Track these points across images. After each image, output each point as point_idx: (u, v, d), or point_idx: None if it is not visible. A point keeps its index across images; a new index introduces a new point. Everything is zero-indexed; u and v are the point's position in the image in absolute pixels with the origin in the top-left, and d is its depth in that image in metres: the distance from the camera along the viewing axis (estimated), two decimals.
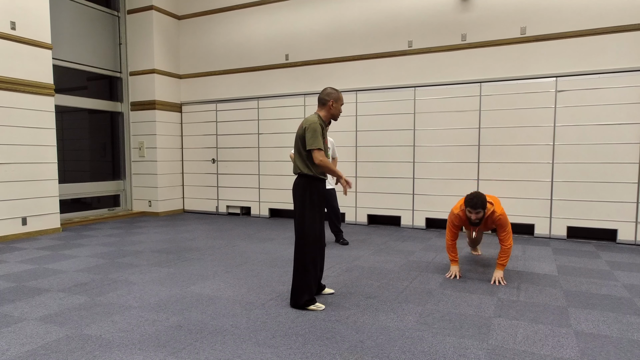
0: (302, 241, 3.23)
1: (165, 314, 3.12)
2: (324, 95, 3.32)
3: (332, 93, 3.32)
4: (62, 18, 7.45)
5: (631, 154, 5.47)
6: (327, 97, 3.31)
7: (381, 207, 6.99)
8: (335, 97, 3.32)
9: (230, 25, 8.13)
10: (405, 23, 6.67)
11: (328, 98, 3.30)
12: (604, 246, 5.48)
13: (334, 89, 3.35)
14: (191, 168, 8.79)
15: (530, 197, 6.01)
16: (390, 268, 4.40)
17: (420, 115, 6.62)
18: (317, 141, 3.15)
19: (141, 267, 4.47)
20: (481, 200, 3.67)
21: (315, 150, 3.15)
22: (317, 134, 3.16)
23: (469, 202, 3.70)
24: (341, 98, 3.37)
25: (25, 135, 6.10)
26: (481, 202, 3.67)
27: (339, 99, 3.34)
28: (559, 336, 2.74)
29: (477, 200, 3.66)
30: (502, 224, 3.81)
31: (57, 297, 3.51)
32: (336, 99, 3.32)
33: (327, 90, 3.33)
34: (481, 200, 3.67)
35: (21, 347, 2.61)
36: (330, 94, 3.31)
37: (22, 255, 5.03)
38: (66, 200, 7.48)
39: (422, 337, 2.73)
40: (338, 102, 3.33)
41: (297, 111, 7.57)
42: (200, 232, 6.52)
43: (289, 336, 2.74)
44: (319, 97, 3.34)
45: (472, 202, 3.68)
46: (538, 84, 5.91)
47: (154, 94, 8.19)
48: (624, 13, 5.44)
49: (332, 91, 3.33)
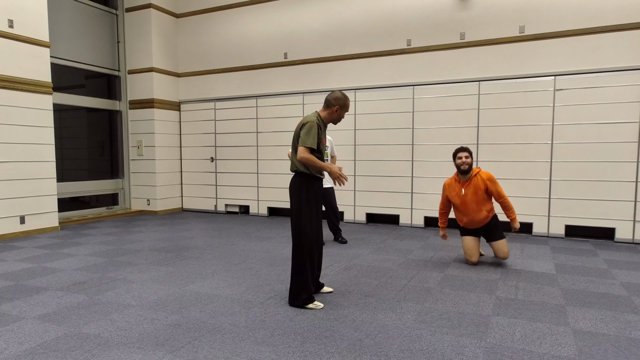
0: (299, 239, 3.23)
1: (163, 313, 3.12)
2: (332, 99, 3.25)
3: (340, 99, 3.25)
4: (60, 16, 7.43)
5: (629, 153, 5.48)
6: (334, 101, 3.24)
7: (380, 205, 6.99)
8: (342, 105, 3.25)
9: (228, 23, 8.12)
10: (404, 22, 6.66)
11: (335, 103, 3.24)
12: (602, 245, 5.49)
13: (345, 96, 3.28)
14: (190, 167, 8.78)
15: (529, 196, 6.02)
16: (389, 266, 4.41)
17: (419, 114, 6.62)
18: (308, 140, 3.10)
19: (140, 265, 4.47)
20: (466, 147, 4.29)
21: (302, 147, 3.11)
22: (312, 133, 3.12)
23: (456, 149, 4.29)
24: (348, 106, 3.31)
25: (23, 133, 6.08)
26: (466, 147, 4.28)
27: (344, 107, 3.28)
28: (556, 334, 2.75)
29: (462, 147, 4.29)
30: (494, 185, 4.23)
31: (56, 296, 3.51)
32: (342, 106, 3.26)
33: (337, 95, 3.26)
34: (466, 147, 4.31)
35: (19, 346, 2.61)
36: (338, 100, 3.24)
37: (20, 253, 5.03)
38: (64, 199, 7.47)
39: (420, 335, 2.74)
40: (343, 109, 3.28)
41: (296, 110, 7.57)
42: (198, 231, 6.51)
43: (287, 335, 2.74)
44: (326, 98, 3.29)
45: (458, 148, 4.29)
46: (537, 83, 5.91)
47: (153, 92, 8.18)
48: (622, 12, 5.45)
49: (342, 97, 3.25)
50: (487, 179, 4.22)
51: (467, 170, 4.23)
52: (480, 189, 4.23)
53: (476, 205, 4.25)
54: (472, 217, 4.31)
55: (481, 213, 4.26)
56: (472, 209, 4.28)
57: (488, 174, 4.26)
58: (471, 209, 4.28)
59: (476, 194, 4.23)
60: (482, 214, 4.26)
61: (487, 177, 4.24)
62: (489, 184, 4.22)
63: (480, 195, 4.23)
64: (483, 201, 4.25)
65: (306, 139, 3.11)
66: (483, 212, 4.25)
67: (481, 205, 4.25)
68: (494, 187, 4.22)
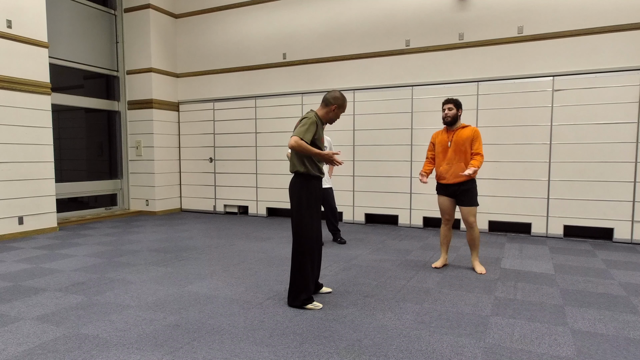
0: (299, 240, 3.23)
1: (162, 314, 3.12)
2: (330, 97, 3.27)
3: (338, 98, 3.27)
4: (59, 16, 7.42)
5: (627, 153, 5.49)
6: (333, 100, 3.26)
7: (379, 206, 7.00)
8: (340, 104, 3.28)
9: (227, 24, 8.11)
10: (403, 22, 6.67)
11: (333, 102, 3.26)
12: (601, 245, 5.50)
13: (343, 96, 3.30)
14: (188, 167, 8.77)
15: (527, 196, 6.03)
16: (388, 267, 4.41)
17: (417, 114, 6.63)
18: (305, 134, 3.09)
19: (138, 266, 4.47)
20: (453, 98, 4.24)
21: (295, 137, 3.08)
22: (310, 129, 3.13)
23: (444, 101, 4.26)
24: (345, 106, 3.33)
25: (22, 134, 6.07)
26: (453, 99, 4.22)
27: (342, 106, 3.30)
28: (555, 334, 2.75)
29: (449, 98, 4.25)
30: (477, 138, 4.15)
31: (54, 297, 3.50)
32: (340, 105, 3.28)
33: (335, 94, 3.28)
34: (453, 98, 4.25)
35: (18, 346, 2.61)
36: (336, 99, 3.26)
37: (18, 254, 5.02)
38: (63, 200, 7.46)
39: (419, 335, 2.74)
40: (340, 109, 3.30)
41: (295, 110, 7.57)
42: (197, 231, 6.51)
43: (286, 335, 2.74)
44: (324, 96, 3.31)
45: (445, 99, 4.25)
46: (535, 83, 5.92)
47: (151, 92, 8.17)
48: (621, 12, 5.46)
49: (340, 96, 3.28)
50: (474, 132, 4.17)
51: (450, 122, 4.19)
52: (463, 138, 4.15)
53: (455, 154, 4.17)
54: (450, 166, 4.19)
55: (459, 165, 4.15)
56: (451, 158, 4.19)
57: (477, 129, 4.21)
58: (451, 157, 4.19)
59: (458, 143, 4.17)
60: (460, 165, 4.15)
61: (474, 130, 4.18)
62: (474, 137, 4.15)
63: (461, 145, 4.15)
64: (464, 153, 4.16)
65: (303, 132, 3.11)
66: (461, 164, 4.14)
67: (461, 155, 4.16)
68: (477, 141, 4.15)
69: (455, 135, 4.18)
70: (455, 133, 4.18)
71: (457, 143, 4.15)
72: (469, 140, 4.13)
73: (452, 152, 4.18)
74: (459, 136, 4.15)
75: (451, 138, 4.19)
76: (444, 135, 4.28)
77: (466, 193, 4.18)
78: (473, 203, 4.20)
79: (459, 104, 4.22)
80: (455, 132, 4.19)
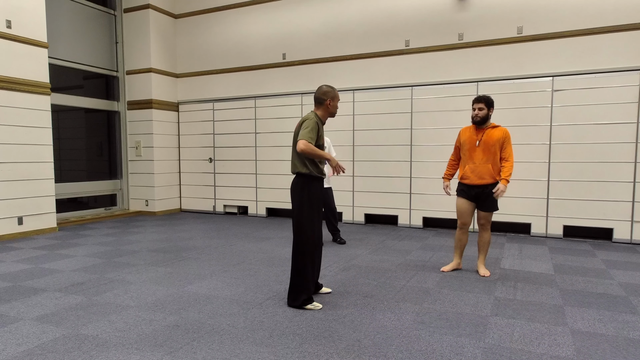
0: (300, 240, 3.23)
1: (162, 314, 3.12)
2: (320, 95, 3.28)
3: (328, 92, 3.29)
4: (58, 16, 7.42)
5: (627, 153, 5.49)
6: (324, 96, 3.27)
7: (378, 206, 7.00)
8: (332, 96, 3.29)
9: (227, 24, 8.12)
10: (403, 22, 6.67)
11: (325, 97, 3.27)
12: (600, 245, 5.50)
13: (330, 87, 3.31)
14: (188, 167, 8.77)
15: (527, 196, 6.03)
16: (388, 267, 4.41)
17: (417, 115, 6.63)
18: (309, 135, 3.10)
19: (138, 266, 4.46)
20: (485, 96, 3.97)
21: (302, 140, 3.08)
22: (313, 130, 3.13)
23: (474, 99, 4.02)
24: (337, 95, 3.34)
25: (21, 134, 6.07)
26: (484, 97, 3.96)
27: (335, 97, 3.31)
28: (555, 335, 2.75)
29: (481, 96, 3.99)
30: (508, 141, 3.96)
31: (54, 297, 3.50)
32: (333, 97, 3.29)
33: (324, 89, 3.29)
34: (485, 96, 3.98)
35: (17, 347, 2.60)
36: (327, 93, 3.28)
37: (18, 254, 5.01)
38: (62, 200, 7.45)
39: (419, 335, 2.74)
40: (335, 100, 3.31)
41: (295, 110, 7.57)
42: (197, 232, 6.51)
43: (286, 335, 2.74)
44: (315, 97, 3.31)
45: (476, 97, 4.00)
46: (535, 84, 5.92)
47: (151, 93, 8.17)
48: (620, 13, 5.47)
49: (329, 89, 3.29)
50: (505, 133, 3.97)
51: (479, 122, 3.98)
52: (493, 139, 3.96)
53: (483, 154, 3.98)
54: (476, 166, 4.01)
55: (486, 166, 3.96)
56: (478, 158, 4.00)
57: (507, 131, 4.00)
58: (478, 157, 4.00)
59: (488, 144, 3.98)
60: (486, 167, 3.97)
61: (505, 131, 3.98)
62: (504, 139, 3.98)
63: (491, 146, 3.97)
64: (493, 154, 3.98)
65: (307, 134, 3.11)
66: (488, 165, 3.96)
67: (489, 156, 3.98)
68: (508, 145, 3.97)
69: (485, 134, 3.97)
70: (485, 132, 3.97)
71: (487, 143, 3.96)
72: (499, 142, 3.94)
73: (480, 152, 3.99)
74: (489, 136, 3.95)
75: (480, 137, 3.99)
76: (473, 133, 4.05)
77: (489, 197, 3.99)
78: (494, 208, 4.06)
79: (491, 103, 3.98)
80: (484, 131, 3.99)
